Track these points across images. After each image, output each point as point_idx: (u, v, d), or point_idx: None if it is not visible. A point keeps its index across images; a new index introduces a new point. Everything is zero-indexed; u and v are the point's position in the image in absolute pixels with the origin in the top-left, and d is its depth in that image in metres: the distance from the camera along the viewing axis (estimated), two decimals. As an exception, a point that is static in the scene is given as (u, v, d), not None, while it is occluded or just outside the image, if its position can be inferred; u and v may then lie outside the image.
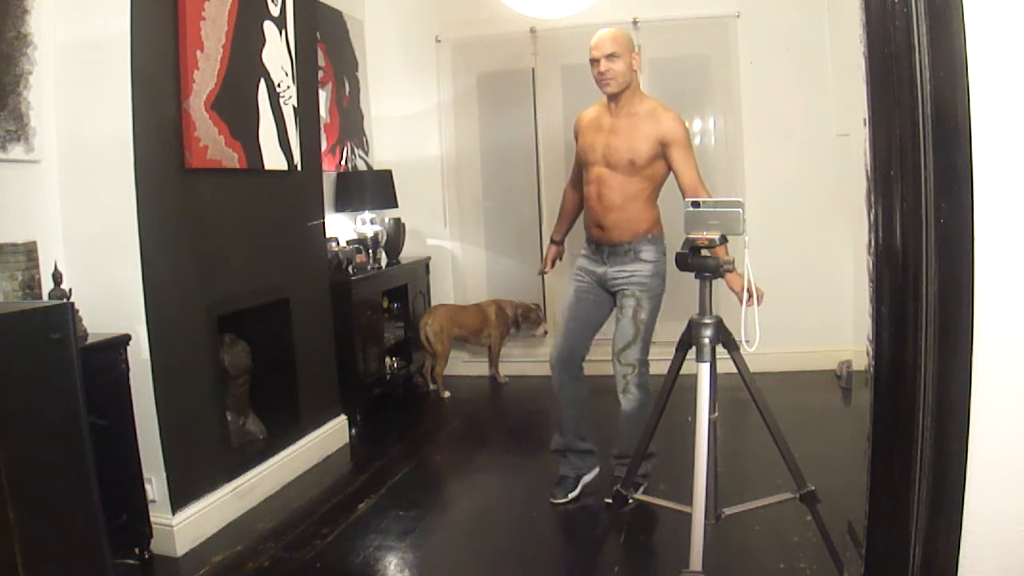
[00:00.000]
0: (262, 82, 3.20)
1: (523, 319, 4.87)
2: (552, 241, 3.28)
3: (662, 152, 2.80)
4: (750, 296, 2.21)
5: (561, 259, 3.28)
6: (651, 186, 2.87)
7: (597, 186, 2.87)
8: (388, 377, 4.52)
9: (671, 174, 2.85)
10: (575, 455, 3.09)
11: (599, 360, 3.11)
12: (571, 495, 3.05)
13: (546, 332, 4.90)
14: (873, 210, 1.57)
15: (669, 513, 2.36)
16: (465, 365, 5.15)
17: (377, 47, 5.07)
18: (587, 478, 3.11)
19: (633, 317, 2.85)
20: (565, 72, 4.87)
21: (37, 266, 2.36)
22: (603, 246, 2.91)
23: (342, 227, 4.56)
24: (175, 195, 2.80)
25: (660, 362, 2.53)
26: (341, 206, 4.52)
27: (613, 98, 2.85)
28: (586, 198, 2.95)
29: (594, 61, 2.80)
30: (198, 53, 2.79)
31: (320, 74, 4.15)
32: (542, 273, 3.39)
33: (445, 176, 5.14)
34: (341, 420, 3.87)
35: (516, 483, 3.44)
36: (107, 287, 2.59)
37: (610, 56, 2.76)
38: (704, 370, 2.05)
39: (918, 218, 1.48)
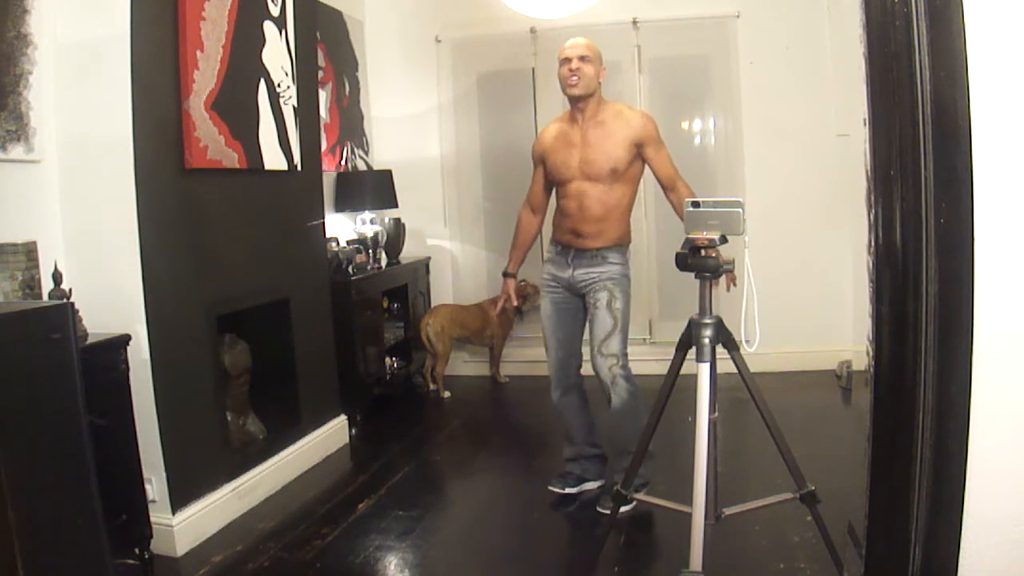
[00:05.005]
0: (262, 82, 3.20)
1: (523, 300, 4.82)
2: (506, 275, 3.17)
3: (638, 152, 2.84)
4: (733, 283, 2.28)
5: (519, 294, 3.23)
6: (631, 191, 2.90)
7: (578, 200, 2.87)
8: (388, 377, 4.51)
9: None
10: (586, 460, 3.10)
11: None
12: (569, 490, 3.06)
13: None
14: (873, 210, 1.57)
15: (669, 513, 2.36)
16: (465, 365, 5.15)
17: (377, 47, 5.07)
18: (590, 484, 3.10)
19: (608, 306, 2.85)
20: (565, 72, 4.87)
21: (37, 266, 2.36)
22: (571, 249, 2.91)
23: (342, 227, 4.56)
24: (175, 195, 2.80)
25: (660, 362, 2.53)
26: (341, 206, 4.52)
27: (578, 108, 2.87)
28: (562, 209, 2.93)
29: (565, 60, 2.82)
30: (198, 53, 2.79)
31: (320, 74, 4.15)
32: (501, 311, 3.32)
33: (445, 176, 5.14)
34: (341, 420, 3.87)
35: (516, 483, 3.43)
36: (107, 287, 2.59)
37: (582, 58, 2.80)
38: (704, 370, 2.05)
39: (918, 218, 1.48)
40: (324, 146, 4.21)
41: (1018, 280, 1.44)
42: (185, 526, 2.73)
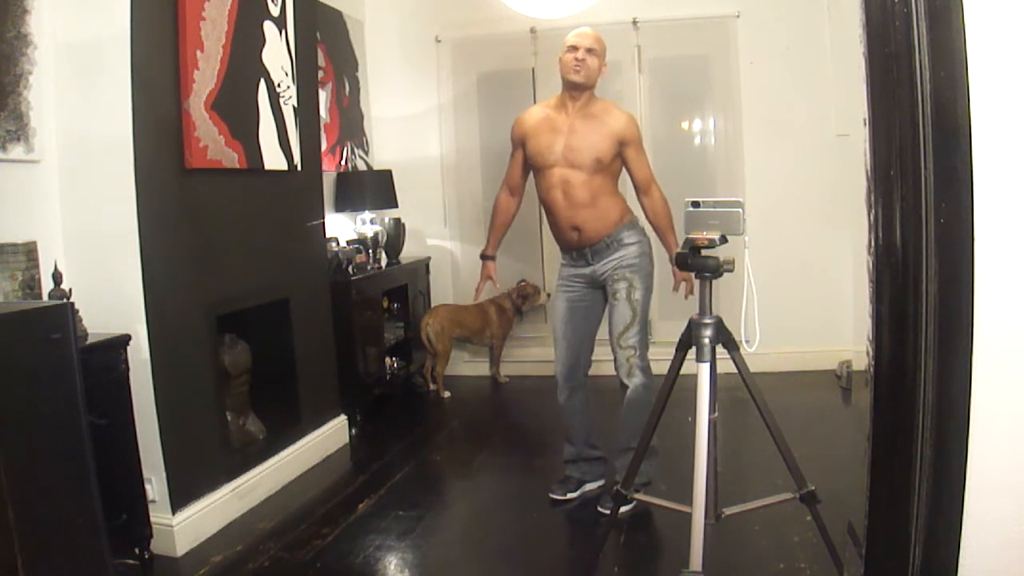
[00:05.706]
0: (262, 82, 3.20)
1: (523, 300, 4.84)
2: (485, 257, 3.20)
3: (620, 151, 2.87)
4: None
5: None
6: (613, 180, 2.94)
7: (563, 188, 2.87)
8: (388, 377, 4.51)
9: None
10: (585, 462, 3.10)
11: (597, 360, 3.11)
12: (570, 495, 3.06)
13: (549, 295, 4.84)
14: (873, 210, 1.57)
15: (669, 513, 2.36)
16: (465, 365, 5.15)
17: (377, 47, 5.07)
18: (590, 485, 3.11)
19: (628, 298, 2.87)
20: (565, 72, 4.87)
21: (37, 266, 2.36)
22: (584, 248, 2.92)
23: (342, 227, 4.56)
24: (175, 195, 2.80)
25: (660, 362, 2.53)
26: (341, 206, 4.52)
27: (571, 95, 2.89)
28: (550, 204, 2.93)
29: (573, 48, 2.84)
30: (198, 53, 2.79)
31: (320, 74, 4.15)
32: (477, 297, 3.35)
33: (445, 176, 5.14)
34: (341, 420, 3.87)
35: (516, 483, 3.43)
36: (107, 287, 2.59)
37: (589, 50, 2.84)
38: (704, 370, 2.05)
39: (918, 218, 1.48)
40: (324, 146, 4.21)
41: (1018, 280, 1.44)
42: (185, 526, 2.73)
